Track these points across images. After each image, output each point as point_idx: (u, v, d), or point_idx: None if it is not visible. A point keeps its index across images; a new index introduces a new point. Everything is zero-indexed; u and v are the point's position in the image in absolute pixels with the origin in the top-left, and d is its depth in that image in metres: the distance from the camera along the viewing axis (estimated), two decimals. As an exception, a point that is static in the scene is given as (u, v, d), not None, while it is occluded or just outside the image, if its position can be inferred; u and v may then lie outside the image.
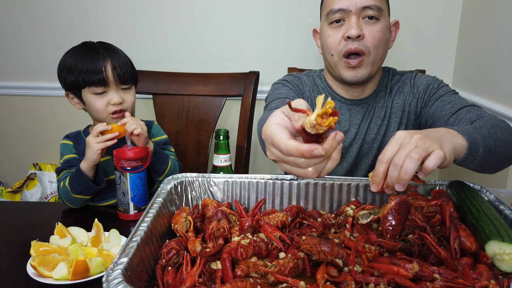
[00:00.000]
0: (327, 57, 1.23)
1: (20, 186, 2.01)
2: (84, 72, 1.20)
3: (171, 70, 1.82)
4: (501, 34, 1.55)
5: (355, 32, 1.13)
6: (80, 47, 1.25)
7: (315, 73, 1.37)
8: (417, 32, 1.92)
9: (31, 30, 2.03)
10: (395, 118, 1.27)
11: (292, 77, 1.35)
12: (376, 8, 1.14)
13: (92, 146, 1.15)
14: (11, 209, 1.28)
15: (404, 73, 1.32)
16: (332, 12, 1.16)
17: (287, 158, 0.60)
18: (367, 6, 1.13)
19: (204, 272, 0.74)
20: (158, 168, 1.26)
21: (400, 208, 0.74)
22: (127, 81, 1.25)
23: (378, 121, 1.28)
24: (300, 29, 1.92)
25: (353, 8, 1.14)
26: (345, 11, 1.15)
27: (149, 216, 0.80)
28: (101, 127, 1.17)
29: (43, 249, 0.90)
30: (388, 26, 1.20)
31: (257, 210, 0.97)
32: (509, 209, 0.83)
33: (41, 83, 2.09)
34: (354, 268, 0.71)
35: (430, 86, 1.24)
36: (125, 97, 1.26)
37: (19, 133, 2.19)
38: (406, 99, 1.27)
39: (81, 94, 1.23)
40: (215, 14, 1.95)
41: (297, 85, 1.31)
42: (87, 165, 1.18)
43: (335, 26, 1.17)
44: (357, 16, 1.14)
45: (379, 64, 1.22)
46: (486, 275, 0.68)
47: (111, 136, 1.17)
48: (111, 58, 1.22)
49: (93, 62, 1.20)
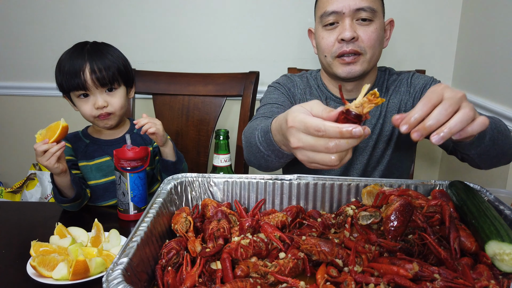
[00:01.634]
0: (321, 58, 1.24)
1: (20, 186, 2.01)
2: (66, 75, 1.19)
3: (171, 70, 1.82)
4: (501, 34, 1.55)
5: (349, 35, 1.13)
6: (71, 49, 1.25)
7: (311, 74, 1.37)
8: (417, 32, 1.92)
9: (31, 30, 2.03)
10: (391, 117, 1.27)
11: (285, 79, 1.36)
12: (370, 10, 1.14)
13: (46, 165, 1.09)
14: (11, 209, 1.28)
15: (401, 73, 1.33)
16: (326, 14, 1.16)
17: (318, 143, 0.61)
18: (360, 8, 1.13)
19: (204, 272, 0.74)
20: (178, 167, 1.28)
21: (404, 209, 0.74)
22: (108, 84, 1.22)
23: (373, 120, 1.28)
24: (299, 29, 1.92)
25: (347, 10, 1.13)
26: (338, 14, 1.15)
27: (149, 216, 0.80)
28: (42, 147, 1.07)
29: (43, 249, 0.90)
30: (383, 26, 1.21)
31: (257, 210, 0.97)
32: (509, 209, 0.83)
33: (41, 83, 2.09)
34: (354, 268, 0.71)
35: (427, 86, 1.25)
36: (110, 100, 1.24)
37: (19, 133, 2.19)
38: (403, 98, 1.28)
39: (70, 96, 1.24)
40: (215, 14, 1.95)
41: (289, 88, 1.32)
42: (57, 176, 1.15)
43: (329, 29, 1.18)
44: (351, 18, 1.14)
45: (374, 62, 1.22)
46: (486, 275, 0.68)
47: (56, 149, 1.08)
48: (91, 61, 1.20)
49: (72, 65, 1.19)
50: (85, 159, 1.30)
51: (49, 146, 1.08)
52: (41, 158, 1.09)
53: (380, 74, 1.31)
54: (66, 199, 1.17)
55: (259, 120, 1.12)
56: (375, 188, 0.92)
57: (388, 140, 1.28)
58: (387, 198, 0.81)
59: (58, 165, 1.10)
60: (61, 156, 1.12)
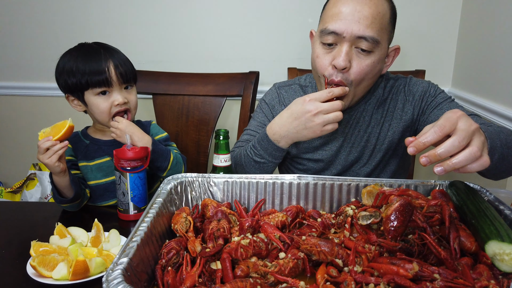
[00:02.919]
0: (313, 71, 1.20)
1: (20, 186, 2.01)
2: (87, 74, 1.18)
3: (171, 70, 1.82)
4: (501, 34, 1.55)
5: (342, 64, 1.06)
6: (78, 49, 1.24)
7: (305, 79, 1.35)
8: (417, 32, 1.92)
9: (31, 30, 2.03)
10: (386, 124, 1.25)
11: (273, 95, 1.37)
12: (372, 41, 1.05)
13: (47, 163, 1.09)
14: (11, 209, 1.28)
15: (398, 78, 1.28)
16: (326, 32, 1.08)
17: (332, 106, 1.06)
18: (362, 37, 1.04)
19: (204, 272, 0.74)
20: (159, 165, 1.25)
21: (404, 210, 0.74)
22: (129, 80, 1.25)
23: (369, 129, 1.26)
24: (300, 29, 1.92)
25: (348, 35, 1.05)
26: (338, 36, 1.06)
27: (149, 216, 0.80)
28: (45, 144, 1.09)
29: (43, 249, 0.90)
30: (383, 57, 1.13)
31: (257, 210, 0.97)
32: (509, 209, 0.83)
33: (41, 83, 2.09)
34: (354, 268, 0.71)
35: (426, 94, 1.23)
36: (129, 97, 1.26)
37: (19, 133, 2.19)
38: (399, 106, 1.25)
39: (83, 96, 1.23)
40: (215, 14, 1.95)
41: (273, 106, 1.34)
42: (56, 176, 1.15)
43: (327, 48, 1.10)
44: (350, 45, 1.06)
45: (362, 93, 1.17)
46: (486, 275, 0.68)
47: (59, 147, 1.09)
48: (112, 58, 1.22)
49: (96, 63, 1.19)
50: (85, 160, 1.29)
51: (52, 143, 1.09)
52: (43, 156, 1.09)
53: (375, 87, 1.25)
54: (65, 199, 1.17)
55: (242, 147, 1.28)
56: (375, 188, 0.92)
57: (387, 148, 1.27)
58: (387, 198, 0.81)
59: (59, 164, 1.11)
60: (62, 156, 1.12)
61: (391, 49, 1.17)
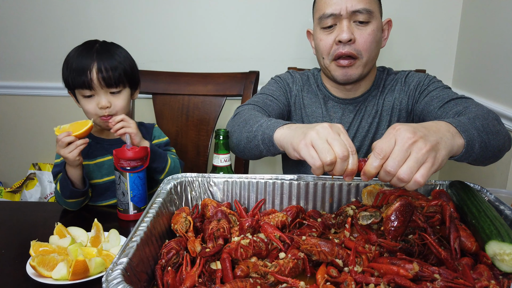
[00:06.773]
0: (320, 59, 1.27)
1: (20, 186, 2.01)
2: (73, 72, 1.20)
3: (171, 70, 1.81)
4: (501, 34, 1.55)
5: (346, 36, 1.15)
6: (81, 46, 1.25)
7: (313, 73, 1.40)
8: (417, 32, 1.91)
9: (31, 30, 2.02)
10: (386, 116, 1.30)
11: (287, 75, 1.41)
12: (366, 12, 1.16)
13: (67, 156, 1.13)
14: (11, 209, 1.28)
15: (399, 72, 1.35)
16: (325, 16, 1.19)
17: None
18: (356, 10, 1.16)
19: (204, 272, 0.73)
20: (156, 166, 1.25)
21: (404, 210, 0.74)
22: (113, 85, 1.22)
23: (369, 119, 1.30)
24: (300, 28, 1.92)
25: (344, 12, 1.16)
26: (336, 16, 1.17)
27: (148, 216, 0.80)
28: (67, 139, 1.13)
29: (42, 249, 0.90)
30: (380, 26, 1.23)
31: (257, 210, 0.97)
32: (509, 209, 0.83)
33: (41, 83, 2.09)
34: (354, 268, 0.71)
35: (420, 83, 1.26)
36: (114, 101, 1.24)
37: (19, 133, 2.19)
38: (397, 97, 1.29)
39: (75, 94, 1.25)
40: (215, 14, 1.95)
41: (287, 83, 1.37)
42: (72, 168, 1.18)
43: (327, 31, 1.20)
44: (348, 20, 1.17)
45: (372, 64, 1.24)
46: (486, 275, 0.68)
47: (81, 142, 1.15)
48: (99, 60, 1.20)
49: (80, 63, 1.20)
50: (87, 158, 1.30)
51: (73, 138, 1.14)
52: (64, 149, 1.13)
53: (379, 74, 1.33)
54: (78, 191, 1.18)
55: (251, 110, 1.19)
56: (375, 188, 0.92)
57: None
58: (387, 198, 0.81)
59: (79, 157, 1.16)
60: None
61: (384, 22, 1.27)
